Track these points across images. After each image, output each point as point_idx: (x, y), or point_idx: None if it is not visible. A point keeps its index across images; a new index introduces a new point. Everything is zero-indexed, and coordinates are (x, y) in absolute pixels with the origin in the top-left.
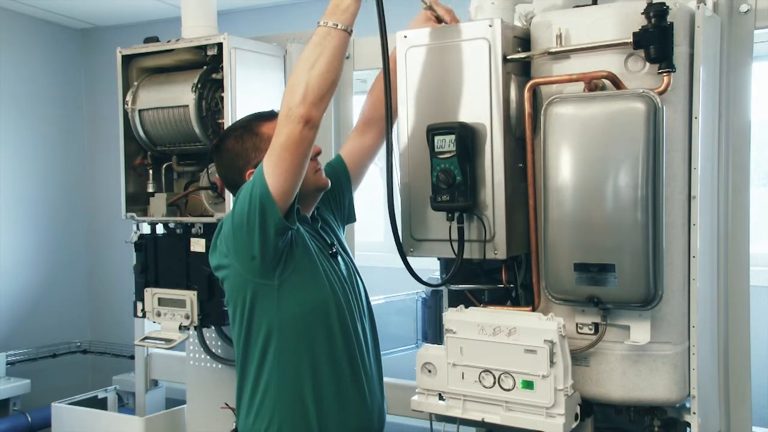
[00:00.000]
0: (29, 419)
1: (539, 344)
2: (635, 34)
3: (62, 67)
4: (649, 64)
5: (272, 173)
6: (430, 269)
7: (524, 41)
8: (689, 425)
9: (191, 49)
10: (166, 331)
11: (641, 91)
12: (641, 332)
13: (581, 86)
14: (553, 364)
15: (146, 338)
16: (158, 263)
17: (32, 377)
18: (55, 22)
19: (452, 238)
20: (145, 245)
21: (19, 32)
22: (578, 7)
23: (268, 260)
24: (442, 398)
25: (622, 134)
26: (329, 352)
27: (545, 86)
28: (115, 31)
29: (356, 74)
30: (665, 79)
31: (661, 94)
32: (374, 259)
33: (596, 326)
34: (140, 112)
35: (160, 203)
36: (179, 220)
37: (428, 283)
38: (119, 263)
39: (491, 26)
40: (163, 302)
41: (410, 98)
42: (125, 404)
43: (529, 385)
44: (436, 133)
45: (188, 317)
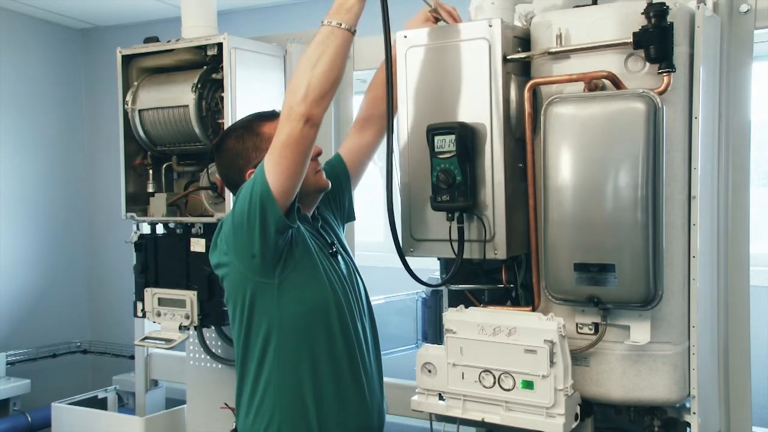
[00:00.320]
0: (29, 419)
1: (539, 344)
2: (635, 34)
3: (62, 67)
4: (649, 64)
5: (273, 172)
6: (430, 269)
7: (524, 41)
8: (689, 425)
9: (191, 49)
10: (166, 331)
11: (641, 91)
12: (641, 332)
13: (581, 86)
14: (553, 364)
15: (146, 338)
16: (158, 263)
17: (32, 377)
18: (55, 22)
19: (452, 238)
20: (145, 245)
21: (19, 32)
22: (578, 7)
23: (268, 258)
24: (442, 398)
25: (622, 134)
26: (329, 350)
27: (545, 86)
28: (115, 31)
29: (356, 74)
30: (665, 79)
31: (661, 94)
32: (374, 259)
33: (596, 326)
34: (140, 112)
35: (160, 203)
36: (179, 220)
37: (428, 283)
38: (119, 263)
39: (491, 26)
40: (163, 302)
41: (410, 98)
42: (125, 404)
43: (529, 385)
44: (436, 133)
45: (188, 317)
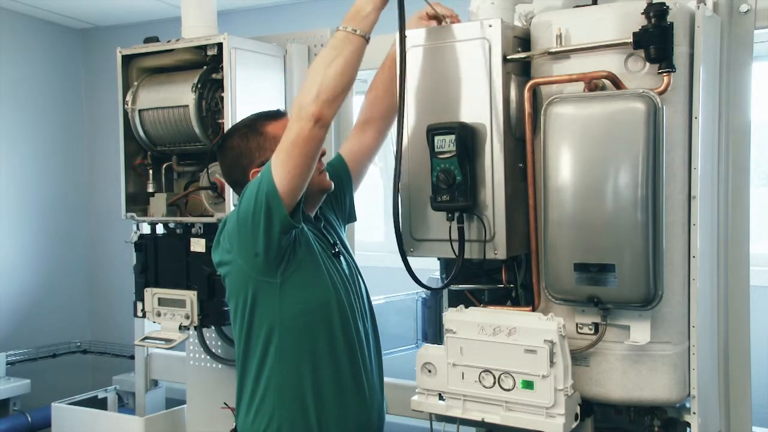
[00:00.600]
0: (29, 419)
1: (539, 344)
2: (635, 34)
3: (62, 67)
4: (649, 64)
5: (280, 171)
6: (430, 269)
7: (524, 41)
8: (689, 425)
9: (191, 49)
10: (166, 331)
11: (641, 91)
12: (641, 332)
13: (581, 86)
14: (553, 364)
15: (146, 338)
16: (158, 263)
17: (32, 377)
18: (55, 22)
19: (452, 238)
20: (145, 245)
21: (19, 32)
22: (578, 7)
23: (271, 258)
24: (442, 398)
25: (622, 134)
26: (330, 350)
27: (545, 86)
28: (115, 31)
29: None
30: (665, 79)
31: (661, 94)
32: (374, 259)
33: (596, 326)
34: (140, 112)
35: (160, 203)
36: (179, 220)
37: (428, 286)
38: (119, 263)
39: (491, 26)
40: (163, 302)
41: (410, 98)
42: (125, 404)
43: (529, 385)
44: (436, 133)
45: (188, 317)
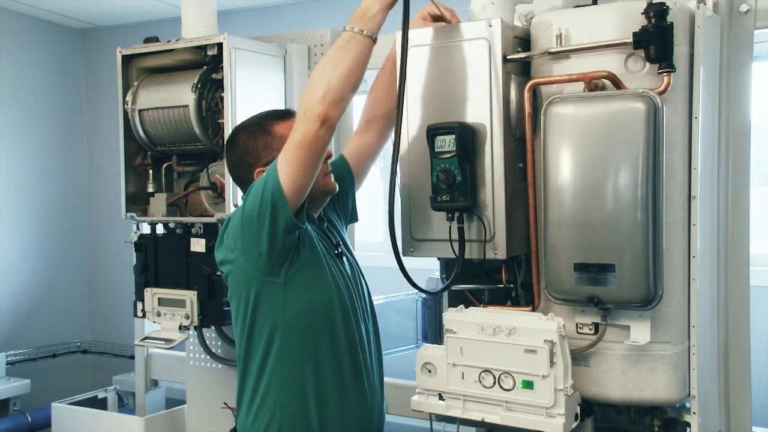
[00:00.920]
0: (29, 419)
1: (539, 344)
2: (635, 34)
3: (62, 67)
4: (649, 64)
5: (286, 171)
6: (430, 269)
7: (524, 41)
8: (689, 425)
9: (191, 49)
10: (166, 331)
11: (641, 91)
12: (641, 332)
13: (581, 86)
14: (553, 364)
15: (146, 338)
16: (158, 263)
17: (32, 377)
18: (55, 22)
19: (452, 238)
20: (145, 245)
21: (19, 32)
22: (578, 7)
23: (275, 257)
24: (442, 398)
25: (622, 134)
26: (332, 351)
27: (545, 86)
28: (115, 31)
29: None
30: (665, 79)
31: (661, 94)
32: (374, 259)
33: (596, 326)
34: (140, 112)
35: (160, 203)
36: (179, 220)
37: (424, 289)
38: (119, 263)
39: (491, 26)
40: (163, 302)
41: (410, 98)
42: (125, 404)
43: (529, 385)
44: (436, 133)
45: (188, 317)
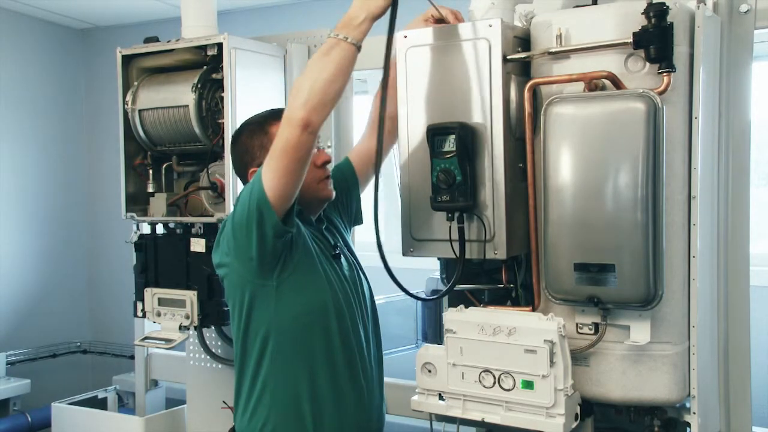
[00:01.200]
0: (29, 419)
1: (539, 344)
2: (635, 34)
3: (62, 67)
4: (649, 64)
5: (270, 176)
6: (430, 269)
7: (524, 41)
8: (689, 425)
9: (191, 49)
10: (166, 331)
11: (641, 91)
12: (641, 332)
13: (581, 86)
14: (553, 364)
15: (146, 338)
16: (158, 263)
17: (32, 377)
18: (55, 22)
19: (452, 238)
20: (145, 245)
21: (19, 32)
22: (578, 7)
23: (266, 261)
24: (442, 398)
25: (622, 134)
26: (327, 353)
27: (545, 86)
28: (115, 31)
29: (356, 74)
30: (665, 79)
31: (661, 94)
32: (374, 259)
33: (596, 326)
34: (140, 112)
35: (160, 203)
36: (179, 220)
37: (423, 297)
38: (119, 263)
39: (491, 26)
40: (163, 302)
41: (410, 98)
42: (125, 404)
43: (529, 385)
44: (436, 133)
45: (188, 317)
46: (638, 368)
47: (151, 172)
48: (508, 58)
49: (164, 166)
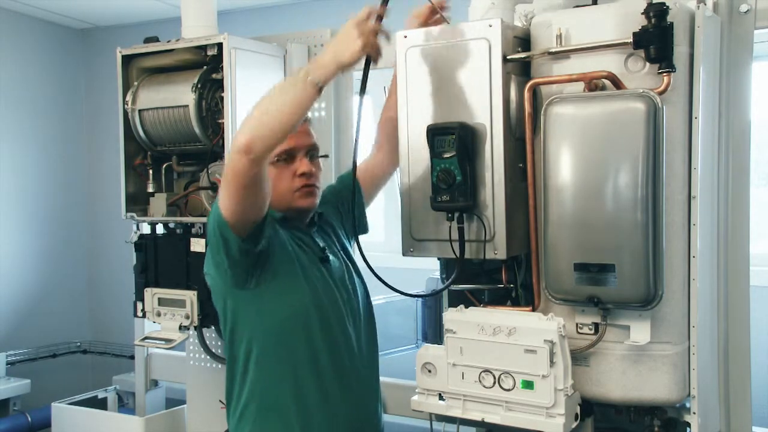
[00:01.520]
0: (29, 419)
1: (539, 344)
2: (635, 34)
3: (62, 67)
4: (649, 64)
5: (223, 201)
6: (430, 269)
7: (524, 41)
8: (689, 425)
9: (191, 49)
10: (166, 331)
11: (641, 91)
12: (641, 332)
13: (581, 86)
14: (553, 364)
15: (146, 338)
16: (158, 263)
17: (32, 377)
18: (55, 22)
19: (452, 238)
20: (145, 245)
21: (19, 32)
22: (578, 7)
23: (239, 273)
24: (442, 398)
25: (622, 134)
26: (311, 359)
27: (545, 86)
28: (115, 31)
29: (356, 74)
30: (665, 79)
31: (661, 94)
32: (374, 259)
33: (596, 326)
34: (140, 112)
35: (160, 203)
36: (179, 220)
37: (414, 294)
38: (119, 263)
39: (491, 26)
40: (163, 302)
41: (410, 98)
42: (125, 404)
43: (529, 385)
44: (436, 133)
45: (188, 317)
46: (638, 368)
47: (151, 172)
48: (508, 58)
49: (164, 166)
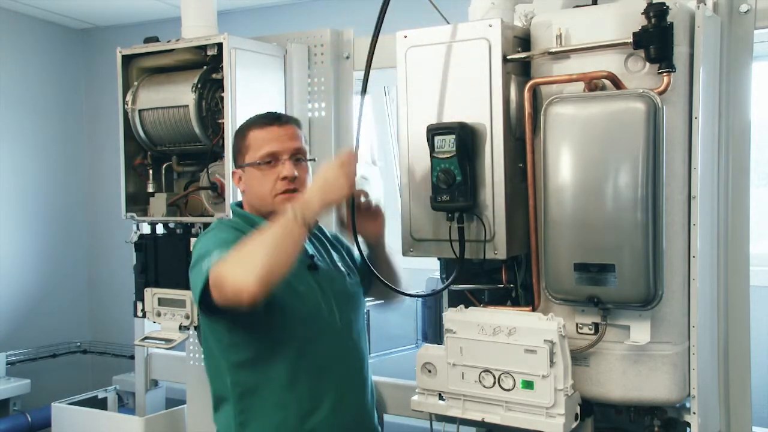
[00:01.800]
0: (29, 419)
1: (539, 344)
2: (635, 34)
3: (62, 67)
4: (649, 64)
5: (213, 280)
6: (430, 269)
7: (524, 41)
8: (689, 425)
9: (191, 49)
10: (166, 331)
11: (641, 91)
12: (641, 332)
13: (581, 86)
14: (553, 364)
15: (146, 338)
16: (158, 263)
17: (32, 377)
18: (55, 22)
19: (452, 238)
20: (145, 245)
21: (19, 32)
22: (578, 7)
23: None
24: (442, 398)
25: (622, 134)
26: (291, 372)
27: (545, 86)
28: (115, 31)
29: (356, 74)
30: (665, 79)
31: (661, 94)
32: None
33: (596, 326)
34: (140, 112)
35: (160, 203)
36: (179, 220)
37: (413, 294)
38: (119, 263)
39: (491, 26)
40: (163, 302)
41: (410, 98)
42: (125, 404)
43: (529, 385)
44: (436, 133)
45: (188, 317)
46: (638, 368)
47: (151, 172)
48: (508, 58)
49: (164, 166)
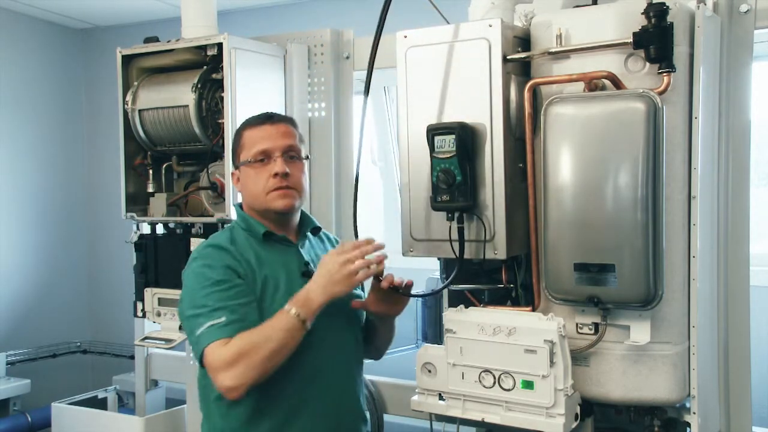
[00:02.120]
0: (29, 419)
1: (539, 344)
2: (635, 34)
3: (62, 67)
4: (649, 64)
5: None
6: (430, 269)
7: (524, 41)
8: (689, 425)
9: (191, 49)
10: (166, 331)
11: (641, 91)
12: (641, 332)
13: (581, 86)
14: (553, 364)
15: (146, 338)
16: (158, 263)
17: (32, 377)
18: (55, 22)
19: (452, 238)
20: (145, 245)
21: (19, 32)
22: (578, 7)
23: None
24: (442, 398)
25: (622, 134)
26: (278, 382)
27: (545, 86)
28: (115, 31)
29: (356, 74)
30: (665, 79)
31: (661, 94)
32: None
33: (596, 326)
34: (140, 112)
35: (160, 203)
36: (179, 220)
37: (417, 294)
38: (119, 263)
39: (491, 26)
40: (163, 302)
41: (410, 98)
42: (125, 404)
43: (529, 385)
44: (436, 133)
45: None
46: (638, 368)
47: (151, 172)
48: (508, 58)
49: (164, 166)
